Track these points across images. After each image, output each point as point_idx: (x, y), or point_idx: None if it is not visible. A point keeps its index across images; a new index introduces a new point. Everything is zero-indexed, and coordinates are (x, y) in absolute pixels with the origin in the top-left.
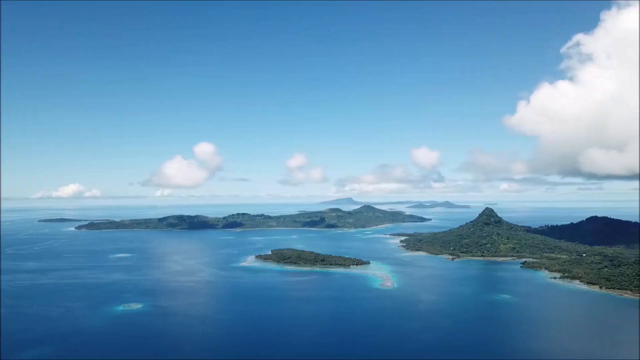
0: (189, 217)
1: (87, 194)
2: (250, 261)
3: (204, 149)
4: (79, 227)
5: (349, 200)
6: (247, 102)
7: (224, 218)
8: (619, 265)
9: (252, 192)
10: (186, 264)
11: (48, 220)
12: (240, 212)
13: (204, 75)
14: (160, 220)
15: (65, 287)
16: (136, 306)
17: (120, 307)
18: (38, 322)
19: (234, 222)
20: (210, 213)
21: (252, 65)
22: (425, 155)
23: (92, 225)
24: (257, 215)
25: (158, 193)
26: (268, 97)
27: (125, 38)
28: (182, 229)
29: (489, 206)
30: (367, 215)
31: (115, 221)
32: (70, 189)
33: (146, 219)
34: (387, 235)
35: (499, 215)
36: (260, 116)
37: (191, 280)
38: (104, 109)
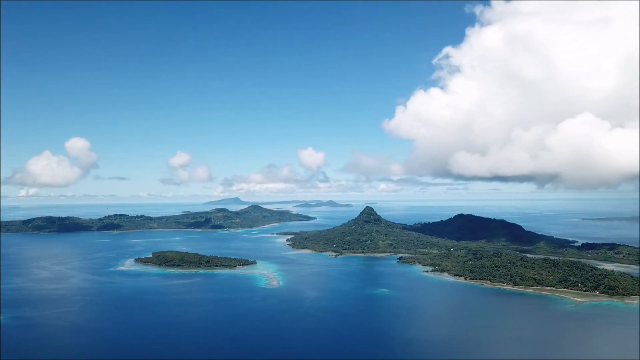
0: (59, 218)
1: None
2: (129, 265)
3: (77, 144)
4: None
5: (236, 200)
6: (125, 96)
7: (100, 219)
8: (481, 258)
9: (131, 192)
10: (55, 270)
11: None
12: (118, 212)
13: (76, 65)
14: (25, 222)
15: None
16: None
17: None
18: None
19: (111, 223)
20: (84, 214)
21: (128, 56)
22: (311, 156)
23: None
24: (137, 216)
25: (22, 193)
26: (149, 91)
27: None
28: (50, 231)
29: (369, 205)
30: (255, 215)
31: None
32: None
33: (7, 222)
34: (274, 235)
35: (378, 213)
36: (140, 111)
37: (61, 288)
38: None
